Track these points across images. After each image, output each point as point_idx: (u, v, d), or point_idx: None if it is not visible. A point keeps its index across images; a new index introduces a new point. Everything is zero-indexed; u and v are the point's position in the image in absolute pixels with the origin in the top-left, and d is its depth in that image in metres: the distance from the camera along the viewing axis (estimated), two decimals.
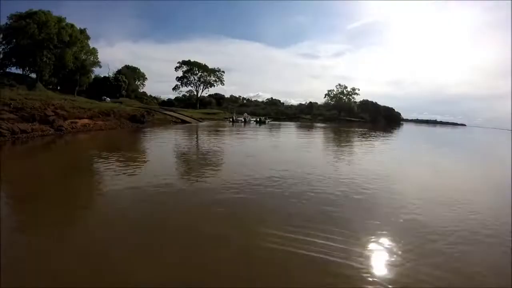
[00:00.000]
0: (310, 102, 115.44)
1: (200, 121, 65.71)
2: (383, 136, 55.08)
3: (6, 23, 41.86)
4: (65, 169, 17.93)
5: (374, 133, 62.45)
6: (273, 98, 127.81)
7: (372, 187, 14.70)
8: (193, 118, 65.93)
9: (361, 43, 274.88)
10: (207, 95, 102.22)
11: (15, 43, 41.61)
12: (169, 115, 61.48)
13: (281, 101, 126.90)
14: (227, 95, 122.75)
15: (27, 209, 10.77)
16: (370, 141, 42.86)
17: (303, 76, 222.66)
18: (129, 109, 52.89)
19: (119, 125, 42.34)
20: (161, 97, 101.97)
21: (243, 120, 69.36)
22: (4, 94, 32.04)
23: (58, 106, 36.35)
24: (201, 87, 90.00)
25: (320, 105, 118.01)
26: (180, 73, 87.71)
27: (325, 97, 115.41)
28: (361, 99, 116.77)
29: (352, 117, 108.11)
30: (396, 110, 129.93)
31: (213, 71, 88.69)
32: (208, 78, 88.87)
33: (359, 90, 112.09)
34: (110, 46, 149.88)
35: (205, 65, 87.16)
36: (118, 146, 28.30)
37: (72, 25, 45.87)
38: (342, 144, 39.28)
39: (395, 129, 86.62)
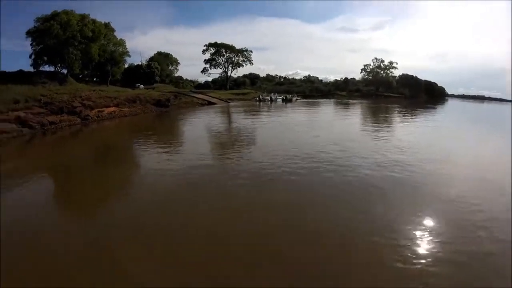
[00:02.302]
0: (346, 78, 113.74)
1: (228, 102, 68.65)
2: (408, 115, 49.67)
3: (34, 26, 47.68)
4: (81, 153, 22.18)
5: (404, 110, 58.91)
6: (311, 75, 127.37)
7: None
8: (220, 99, 69.01)
9: (400, 15, 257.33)
10: (241, 75, 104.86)
11: (44, 43, 47.30)
12: (196, 97, 65.05)
13: (319, 78, 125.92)
14: (263, 75, 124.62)
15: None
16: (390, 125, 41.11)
17: (341, 51, 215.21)
18: (156, 94, 57.08)
19: (143, 111, 46.70)
20: (198, 80, 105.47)
21: (269, 99, 71.35)
22: (35, 92, 37.10)
23: (85, 98, 41.14)
24: (230, 68, 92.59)
25: (358, 81, 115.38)
26: (207, 56, 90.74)
27: (361, 72, 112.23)
28: (400, 73, 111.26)
29: (390, 92, 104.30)
30: (439, 84, 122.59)
31: (241, 51, 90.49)
32: (236, 58, 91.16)
33: (397, 63, 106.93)
34: (144, 35, 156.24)
35: (232, 46, 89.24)
36: (130, 129, 32.72)
37: (94, 21, 50.60)
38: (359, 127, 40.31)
39: (436, 105, 79.94)
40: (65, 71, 51.37)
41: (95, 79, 65.82)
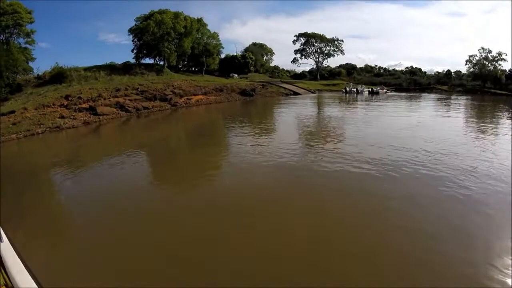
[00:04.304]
0: (448, 70, 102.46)
1: (313, 92, 69.39)
2: None
3: (135, 24, 56.11)
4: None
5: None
6: (413, 66, 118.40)
7: None
8: (308, 90, 69.89)
9: None
10: (338, 65, 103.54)
11: (143, 39, 55.10)
12: (282, 87, 67.34)
13: (423, 70, 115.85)
14: (361, 65, 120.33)
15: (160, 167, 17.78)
16: None
17: (449, 39, 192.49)
18: (244, 83, 60.76)
19: (227, 99, 50.61)
20: (295, 70, 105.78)
21: (355, 90, 70.27)
22: (134, 81, 43.41)
23: (176, 86, 46.38)
24: (321, 58, 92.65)
25: (463, 74, 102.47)
26: (297, 46, 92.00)
27: (466, 64, 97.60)
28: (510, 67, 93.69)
29: (498, 89, 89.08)
30: None
31: (331, 41, 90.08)
32: (327, 48, 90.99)
33: (506, 55, 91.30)
34: (243, 25, 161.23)
35: (322, 35, 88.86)
36: (212, 114, 36.61)
37: (185, 18, 56.54)
38: None
39: None
40: (162, 63, 58.46)
41: (193, 68, 72.71)
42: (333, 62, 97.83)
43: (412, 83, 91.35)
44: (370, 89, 70.21)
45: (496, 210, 9.38)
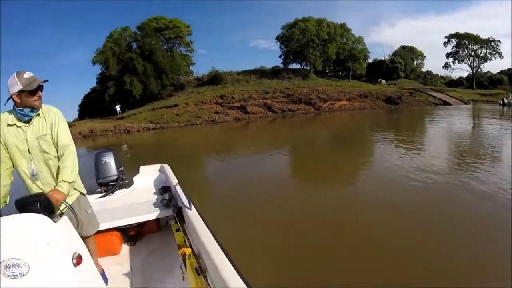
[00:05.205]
0: None
1: (466, 103, 61.35)
2: None
3: (281, 32, 58.78)
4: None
5: None
6: None
7: None
8: (460, 100, 62.20)
9: None
10: (499, 71, 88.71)
11: (289, 46, 57.52)
12: (431, 95, 61.38)
13: None
14: None
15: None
16: None
17: None
18: (390, 90, 56.79)
19: (371, 106, 47.89)
20: (450, 76, 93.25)
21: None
22: (281, 85, 44.73)
23: (321, 91, 45.99)
24: (475, 63, 79.86)
25: None
26: (449, 49, 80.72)
27: None
28: None
29: None
30: None
31: (486, 42, 76.80)
32: (483, 50, 78.00)
33: None
34: (391, 27, 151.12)
35: (476, 36, 76.55)
36: (355, 121, 34.82)
37: (328, 24, 56.78)
38: None
39: None
40: (308, 68, 59.58)
41: (340, 73, 71.64)
42: (495, 67, 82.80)
43: None
44: None
45: None
